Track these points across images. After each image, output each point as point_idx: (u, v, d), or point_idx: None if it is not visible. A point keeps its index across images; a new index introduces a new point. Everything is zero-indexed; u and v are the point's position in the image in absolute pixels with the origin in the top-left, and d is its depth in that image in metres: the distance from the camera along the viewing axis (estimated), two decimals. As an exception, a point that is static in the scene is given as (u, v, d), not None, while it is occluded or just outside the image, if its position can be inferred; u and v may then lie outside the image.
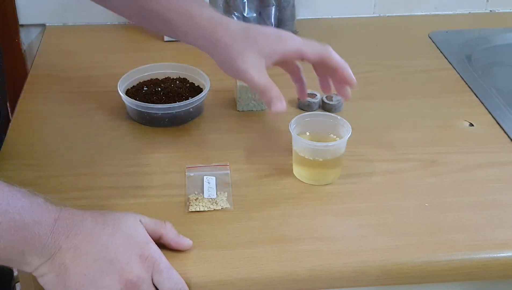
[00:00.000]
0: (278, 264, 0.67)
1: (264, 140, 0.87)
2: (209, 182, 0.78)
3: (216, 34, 0.77)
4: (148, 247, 0.63)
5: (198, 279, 0.65)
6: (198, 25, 0.78)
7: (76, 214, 0.62)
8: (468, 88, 1.01)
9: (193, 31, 0.78)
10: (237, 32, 0.77)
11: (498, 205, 0.76)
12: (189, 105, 0.89)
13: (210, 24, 0.77)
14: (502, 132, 0.90)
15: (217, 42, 0.77)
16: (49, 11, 1.19)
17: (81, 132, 0.88)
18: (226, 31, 0.77)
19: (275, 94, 0.74)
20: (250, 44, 0.76)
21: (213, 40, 0.77)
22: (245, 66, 0.75)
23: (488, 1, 1.28)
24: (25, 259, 0.59)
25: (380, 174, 0.81)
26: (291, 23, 1.17)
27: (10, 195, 0.59)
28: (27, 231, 0.58)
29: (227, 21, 0.78)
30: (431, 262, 0.68)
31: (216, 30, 0.77)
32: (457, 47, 1.13)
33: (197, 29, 0.78)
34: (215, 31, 0.77)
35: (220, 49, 0.77)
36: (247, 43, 0.76)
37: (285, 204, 0.75)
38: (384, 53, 1.12)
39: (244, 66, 0.75)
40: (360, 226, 0.72)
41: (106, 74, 1.02)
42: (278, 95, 0.74)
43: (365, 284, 0.69)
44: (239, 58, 0.75)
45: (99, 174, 0.80)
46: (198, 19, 0.78)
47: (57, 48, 1.13)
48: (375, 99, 0.98)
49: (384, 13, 1.27)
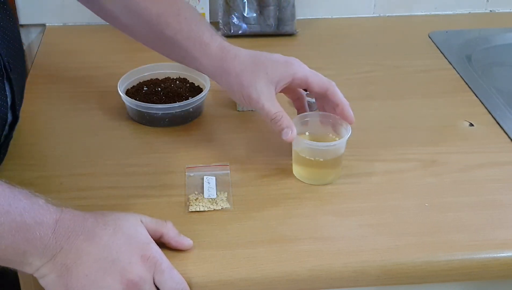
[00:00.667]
0: (278, 264, 0.67)
1: (264, 140, 0.87)
2: (209, 182, 0.78)
3: (226, 62, 0.78)
4: (149, 247, 0.63)
5: (198, 279, 0.65)
6: (209, 52, 0.79)
7: (77, 215, 0.62)
8: (468, 88, 1.01)
9: (204, 58, 0.80)
10: (246, 60, 0.78)
11: (498, 205, 0.76)
12: (189, 105, 0.89)
13: (221, 52, 0.79)
14: (502, 132, 0.90)
15: (228, 70, 0.78)
16: (49, 11, 1.19)
17: (81, 132, 0.88)
18: (235, 59, 0.78)
19: (286, 124, 0.76)
20: (260, 72, 0.77)
21: (224, 69, 0.79)
22: (256, 95, 0.77)
23: (488, 1, 1.28)
24: (27, 260, 0.59)
25: (380, 174, 0.81)
26: (291, 23, 1.18)
27: (11, 196, 0.59)
28: (29, 232, 0.58)
29: (236, 50, 0.80)
30: (431, 262, 0.68)
31: (226, 58, 0.79)
32: (457, 47, 1.13)
33: (208, 57, 0.79)
34: (225, 59, 0.79)
35: (232, 78, 0.78)
36: (257, 71, 0.77)
37: (285, 204, 0.75)
38: (384, 53, 1.12)
39: (256, 95, 0.77)
40: (360, 226, 0.72)
41: (106, 74, 1.02)
42: (289, 124, 0.76)
43: (365, 284, 0.69)
44: (250, 87, 0.77)
45: (99, 174, 0.80)
46: (209, 46, 0.79)
47: (57, 48, 1.13)
48: (375, 99, 0.98)
49: (384, 13, 1.28)
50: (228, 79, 0.79)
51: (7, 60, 0.76)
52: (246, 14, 1.16)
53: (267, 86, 0.77)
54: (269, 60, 0.79)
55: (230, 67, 0.78)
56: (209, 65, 0.80)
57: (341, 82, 0.80)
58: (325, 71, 0.81)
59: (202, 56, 0.80)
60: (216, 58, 0.79)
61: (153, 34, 0.82)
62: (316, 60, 0.81)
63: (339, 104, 0.78)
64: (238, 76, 0.78)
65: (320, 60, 0.82)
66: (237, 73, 0.78)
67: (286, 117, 0.77)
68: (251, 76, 0.77)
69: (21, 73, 0.82)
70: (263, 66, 0.78)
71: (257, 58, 0.79)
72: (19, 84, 0.80)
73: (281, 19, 1.17)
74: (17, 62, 0.80)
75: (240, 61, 0.78)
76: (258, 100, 0.77)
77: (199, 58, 0.80)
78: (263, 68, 0.77)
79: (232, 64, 0.78)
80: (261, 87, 0.77)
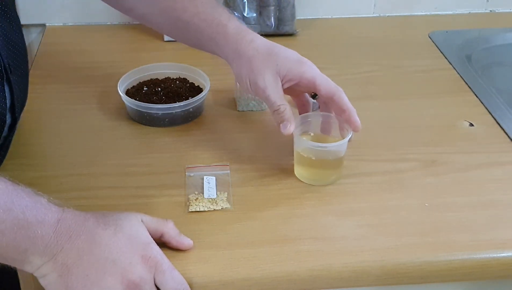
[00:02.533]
0: (278, 264, 0.67)
1: (264, 140, 0.87)
2: (209, 182, 0.78)
3: (241, 45, 0.78)
4: (150, 247, 0.63)
5: (198, 279, 0.65)
6: (226, 33, 0.79)
7: (78, 215, 0.62)
8: (468, 88, 1.01)
9: (221, 38, 0.79)
10: (261, 47, 0.78)
11: (498, 205, 0.76)
12: (189, 105, 0.89)
13: (238, 34, 0.79)
14: (502, 132, 0.90)
15: (241, 53, 0.78)
16: (49, 11, 1.19)
17: (81, 132, 0.88)
18: (250, 43, 0.78)
19: (287, 117, 0.76)
20: (271, 62, 0.77)
21: (237, 51, 0.78)
22: (263, 84, 0.77)
23: (488, 1, 1.28)
24: (27, 258, 0.59)
25: (380, 174, 0.81)
26: (291, 23, 1.18)
27: (14, 193, 0.59)
28: (30, 230, 0.58)
29: (254, 35, 0.80)
30: (431, 262, 0.68)
31: (242, 41, 0.78)
32: (457, 47, 1.13)
33: (225, 37, 0.79)
34: (241, 42, 0.78)
35: (243, 61, 0.78)
36: (268, 60, 0.77)
37: (285, 204, 0.75)
38: (384, 53, 1.12)
39: (262, 84, 0.77)
40: (360, 226, 0.72)
41: (106, 74, 1.02)
42: (289, 118, 0.76)
43: (365, 284, 0.69)
44: (259, 74, 0.77)
45: (99, 174, 0.80)
46: (226, 27, 0.79)
47: (57, 48, 1.13)
48: (375, 99, 0.98)
49: (384, 13, 1.28)
50: (240, 62, 0.78)
51: (8, 62, 0.76)
52: (246, 14, 1.16)
53: (275, 78, 0.77)
54: (283, 53, 0.78)
55: (244, 50, 0.78)
56: (225, 46, 0.80)
57: (341, 82, 0.80)
58: (325, 71, 0.81)
59: (219, 36, 0.80)
60: (233, 40, 0.79)
61: (169, 20, 0.82)
62: (316, 60, 0.81)
63: (346, 110, 0.78)
64: (249, 60, 0.77)
65: (320, 60, 0.82)
66: (249, 57, 0.78)
67: (289, 111, 0.77)
68: (262, 64, 0.77)
69: (22, 75, 0.82)
70: (275, 57, 0.77)
71: (271, 48, 0.79)
72: (20, 86, 0.80)
73: (281, 19, 1.17)
74: (18, 64, 0.80)
75: (255, 46, 0.78)
76: (264, 89, 0.77)
77: (216, 38, 0.80)
78: (274, 59, 0.77)
79: (247, 47, 0.78)
80: (269, 77, 0.77)
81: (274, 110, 0.77)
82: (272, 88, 0.77)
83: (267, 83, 0.77)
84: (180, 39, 0.86)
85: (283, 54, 0.78)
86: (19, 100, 0.80)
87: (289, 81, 0.78)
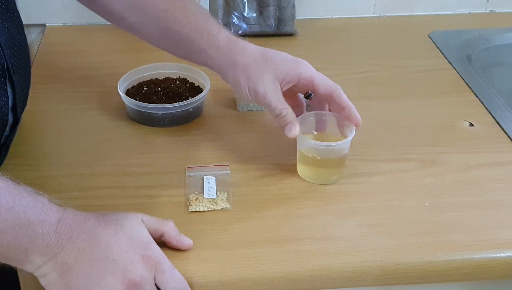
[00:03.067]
0: (278, 264, 0.67)
1: (264, 140, 0.87)
2: (209, 182, 0.78)
3: (234, 54, 0.78)
4: (150, 247, 0.63)
5: (198, 279, 0.66)
6: (217, 44, 0.79)
7: (79, 215, 0.62)
8: (468, 88, 1.01)
9: (212, 49, 0.79)
10: (254, 53, 0.78)
11: (498, 205, 0.76)
12: (189, 105, 0.89)
13: (229, 44, 0.79)
14: (502, 132, 0.90)
15: (235, 62, 0.78)
16: (49, 11, 1.19)
17: (81, 132, 0.88)
18: (243, 51, 0.78)
19: (291, 120, 0.76)
20: (267, 67, 0.77)
21: (231, 60, 0.78)
22: (263, 90, 0.76)
23: (488, 1, 1.28)
24: (28, 257, 0.59)
25: (380, 174, 0.81)
26: (291, 23, 1.18)
27: (16, 192, 0.59)
28: (31, 229, 0.58)
29: (245, 43, 0.79)
30: (431, 262, 0.68)
31: (234, 50, 0.78)
32: (457, 47, 1.13)
33: (216, 48, 0.79)
34: (233, 51, 0.78)
35: (238, 70, 0.78)
36: (264, 65, 0.77)
37: (285, 204, 0.75)
38: (384, 53, 1.12)
39: (262, 89, 0.76)
40: (360, 226, 0.72)
41: (106, 74, 1.02)
42: (293, 121, 0.76)
43: (365, 284, 0.69)
44: (257, 81, 0.77)
45: (99, 174, 0.80)
46: (216, 38, 0.79)
47: (57, 48, 1.13)
48: (375, 99, 0.98)
49: (384, 13, 1.28)
50: (235, 72, 0.78)
51: (11, 62, 0.76)
52: (246, 14, 1.16)
53: (273, 82, 0.77)
54: (278, 56, 0.78)
55: (238, 59, 0.78)
56: (216, 56, 0.79)
57: (341, 82, 0.80)
58: (325, 71, 0.81)
59: (209, 47, 0.79)
60: (224, 50, 0.79)
61: (159, 30, 0.82)
62: (316, 60, 0.81)
63: (345, 107, 0.78)
64: (245, 69, 0.77)
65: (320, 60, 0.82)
66: (244, 65, 0.77)
67: (292, 113, 0.77)
68: (259, 70, 0.77)
69: (25, 75, 0.82)
70: (271, 61, 0.77)
71: (265, 53, 0.78)
72: (22, 86, 0.80)
73: (281, 19, 1.17)
74: (21, 64, 0.80)
75: (248, 53, 0.78)
76: (265, 95, 0.76)
77: (206, 50, 0.79)
78: (270, 63, 0.77)
79: (240, 56, 0.78)
80: (268, 82, 0.76)
81: (276, 114, 0.77)
82: (272, 93, 0.76)
83: (266, 89, 0.76)
84: (170, 50, 0.85)
85: (278, 57, 0.78)
86: (21, 100, 0.80)
87: (288, 83, 0.78)
